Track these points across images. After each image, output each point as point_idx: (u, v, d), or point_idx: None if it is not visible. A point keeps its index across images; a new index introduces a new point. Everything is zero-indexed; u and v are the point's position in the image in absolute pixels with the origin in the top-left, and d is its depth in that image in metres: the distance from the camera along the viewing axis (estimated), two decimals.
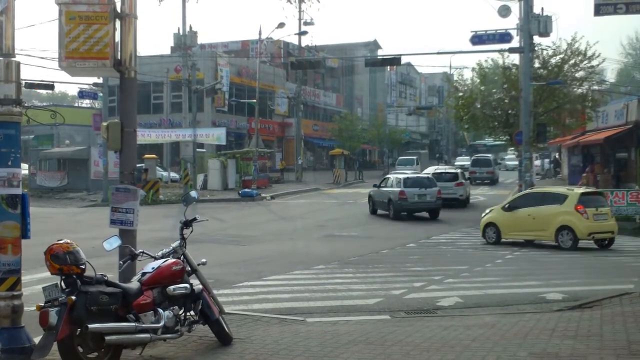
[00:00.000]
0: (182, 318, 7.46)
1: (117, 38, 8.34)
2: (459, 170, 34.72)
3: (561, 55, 33.13)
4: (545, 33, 28.90)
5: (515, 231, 19.78)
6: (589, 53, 32.59)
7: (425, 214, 27.83)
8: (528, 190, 23.20)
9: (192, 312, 7.60)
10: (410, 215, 27.70)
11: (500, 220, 20.05)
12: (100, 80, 37.44)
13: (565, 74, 32.98)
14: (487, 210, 21.40)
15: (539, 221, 19.12)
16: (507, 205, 20.48)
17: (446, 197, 29.52)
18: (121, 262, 7.88)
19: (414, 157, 57.18)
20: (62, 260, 6.50)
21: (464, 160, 63.25)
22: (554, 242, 18.81)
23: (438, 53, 34.32)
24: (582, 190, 20.16)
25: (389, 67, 71.03)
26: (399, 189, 27.29)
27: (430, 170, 36.21)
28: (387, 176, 31.19)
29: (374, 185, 30.62)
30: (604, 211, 18.87)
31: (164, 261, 7.52)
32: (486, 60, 36.69)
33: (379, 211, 29.01)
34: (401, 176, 29.25)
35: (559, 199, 19.31)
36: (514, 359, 6.92)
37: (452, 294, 11.75)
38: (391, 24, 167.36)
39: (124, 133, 8.63)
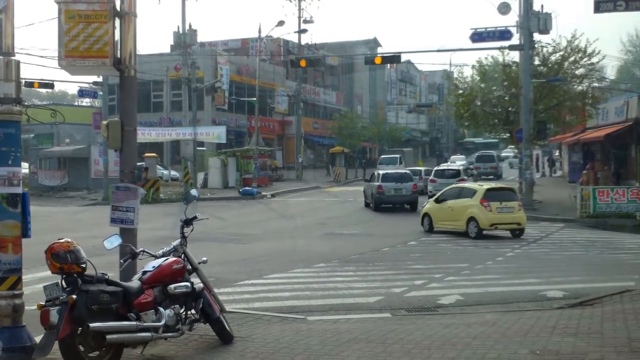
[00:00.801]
0: (183, 317, 7.46)
1: (117, 36, 8.33)
2: (461, 168, 36.50)
3: (561, 53, 33.11)
4: (545, 30, 28.91)
5: (442, 221, 21.94)
6: (589, 50, 32.59)
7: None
8: (452, 186, 24.91)
9: (193, 311, 7.59)
10: (389, 207, 29.69)
11: (432, 211, 22.35)
12: (100, 79, 37.41)
13: (565, 71, 32.96)
14: (426, 202, 23.63)
15: (456, 212, 21.31)
16: (437, 198, 22.54)
17: None
18: (122, 261, 7.89)
19: (397, 156, 54.03)
20: (62, 259, 6.49)
21: (459, 159, 62.26)
22: (464, 230, 20.84)
23: (438, 51, 34.36)
24: (488, 186, 22.46)
25: (388, 64, 71.00)
26: (378, 184, 29.59)
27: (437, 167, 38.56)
28: (374, 171, 33.03)
29: (365, 180, 33.08)
30: (510, 205, 20.68)
31: (165, 260, 7.52)
32: (486, 58, 36.77)
33: (371, 204, 30.76)
34: (381, 172, 31.68)
35: (471, 193, 21.44)
36: (514, 357, 6.92)
37: (453, 291, 11.74)
38: (391, 22, 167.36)
39: (124, 132, 8.62)
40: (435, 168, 36.97)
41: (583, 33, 34.28)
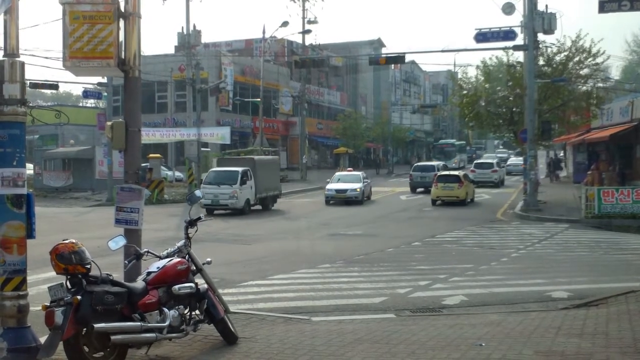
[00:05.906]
0: (188, 317, 7.46)
1: (121, 37, 8.34)
2: (495, 160, 46.56)
3: (566, 53, 32.98)
4: (549, 30, 28.81)
5: (434, 196, 32.91)
6: (594, 50, 32.44)
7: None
8: (439, 173, 35.25)
9: (197, 312, 7.60)
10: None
11: (432, 191, 33.32)
12: (105, 80, 37.51)
13: (570, 71, 32.83)
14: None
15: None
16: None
17: (485, 180, 41.64)
18: (126, 262, 7.89)
19: (238, 170, 29.78)
20: (67, 260, 6.50)
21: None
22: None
23: (442, 51, 34.06)
24: (440, 173, 34.74)
25: (393, 65, 70.90)
26: (410, 172, 41.77)
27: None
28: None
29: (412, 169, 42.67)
30: (451, 185, 32.35)
31: (169, 260, 7.52)
32: (490, 58, 36.70)
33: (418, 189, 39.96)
34: (414, 163, 44.88)
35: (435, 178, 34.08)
36: (519, 358, 6.91)
37: (458, 292, 11.72)
38: (395, 22, 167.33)
39: (128, 132, 8.63)
40: (475, 161, 47.53)
41: (588, 33, 34.16)
